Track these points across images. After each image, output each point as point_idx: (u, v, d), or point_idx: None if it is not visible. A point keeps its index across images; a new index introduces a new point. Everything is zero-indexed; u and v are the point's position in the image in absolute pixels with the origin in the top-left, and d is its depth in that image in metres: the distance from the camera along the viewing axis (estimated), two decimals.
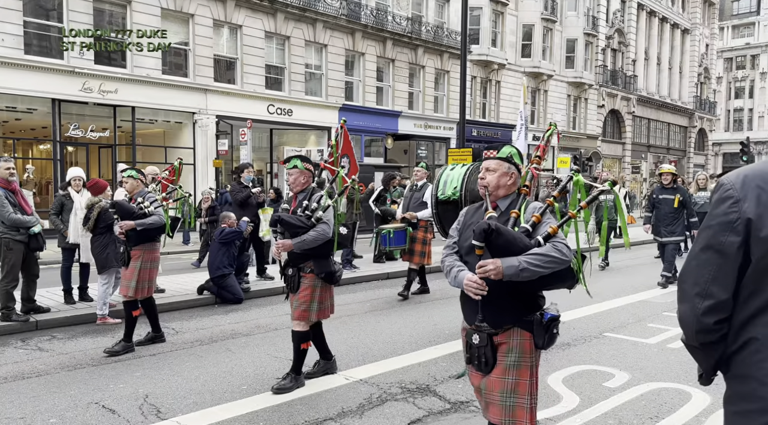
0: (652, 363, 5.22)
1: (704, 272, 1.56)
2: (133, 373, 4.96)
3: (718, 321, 1.54)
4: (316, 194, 4.57)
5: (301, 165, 4.58)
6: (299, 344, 4.54)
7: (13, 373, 4.95)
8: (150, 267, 5.71)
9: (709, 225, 1.58)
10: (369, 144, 23.92)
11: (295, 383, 4.52)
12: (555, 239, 2.57)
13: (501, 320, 2.62)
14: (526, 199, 2.80)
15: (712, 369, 1.65)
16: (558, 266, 2.53)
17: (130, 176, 5.89)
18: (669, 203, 9.14)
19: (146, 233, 5.65)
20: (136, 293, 5.58)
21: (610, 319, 7.00)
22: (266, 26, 20.07)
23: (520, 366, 2.62)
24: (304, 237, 4.35)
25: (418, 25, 24.95)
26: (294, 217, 4.43)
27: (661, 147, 41.98)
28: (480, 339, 2.62)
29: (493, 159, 2.83)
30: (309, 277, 4.50)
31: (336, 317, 6.98)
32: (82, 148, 17.37)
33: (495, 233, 2.47)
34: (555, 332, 2.64)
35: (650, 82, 40.09)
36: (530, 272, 2.47)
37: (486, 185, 2.78)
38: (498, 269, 2.46)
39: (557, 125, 4.06)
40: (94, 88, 15.99)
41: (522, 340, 2.63)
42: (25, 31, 15.03)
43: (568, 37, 32.14)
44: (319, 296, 4.52)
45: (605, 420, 3.99)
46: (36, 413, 4.09)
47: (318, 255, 4.47)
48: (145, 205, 5.66)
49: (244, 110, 18.71)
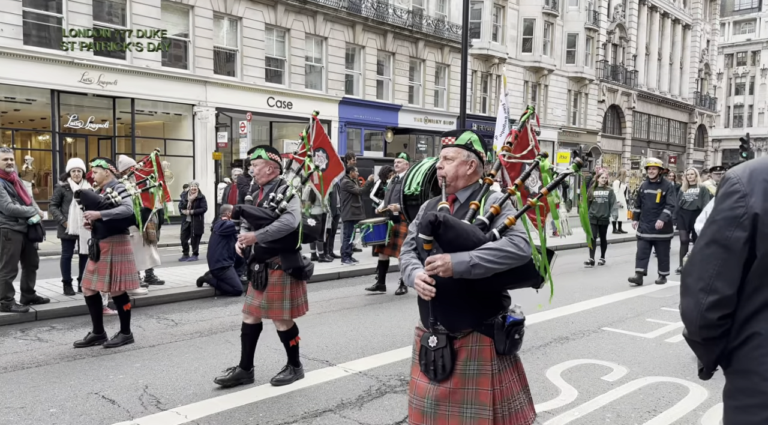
0: (650, 358, 5.24)
1: (709, 268, 1.54)
2: (133, 364, 4.97)
3: (722, 316, 1.53)
4: (282, 185, 4.38)
5: (265, 155, 4.39)
6: (288, 342, 4.48)
7: (13, 363, 4.96)
8: (122, 260, 5.46)
9: (715, 220, 1.56)
10: (369, 138, 23.89)
11: (295, 375, 4.49)
12: (512, 232, 2.30)
13: (457, 323, 2.36)
14: (489, 189, 2.52)
15: (713, 364, 1.65)
16: (515, 262, 2.26)
17: (99, 165, 5.63)
18: (652, 198, 8.83)
19: (114, 225, 5.41)
20: (110, 287, 5.36)
21: (608, 313, 7.02)
22: (266, 18, 19.99)
23: (480, 375, 2.35)
24: (267, 228, 4.16)
25: (418, 19, 24.86)
26: (257, 208, 4.26)
27: (661, 143, 41.96)
28: (438, 340, 2.35)
29: (452, 147, 2.55)
30: (277, 273, 4.29)
31: (335, 310, 7.02)
32: (81, 139, 17.32)
33: (443, 226, 2.21)
34: (517, 337, 2.37)
35: (651, 78, 40.02)
36: (483, 269, 2.21)
37: (444, 176, 2.53)
38: (447, 265, 2.21)
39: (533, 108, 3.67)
40: (94, 80, 15.93)
41: (481, 347, 2.36)
42: (24, 22, 14.96)
43: (569, 31, 32.05)
44: (291, 294, 4.32)
45: (603, 413, 4.01)
46: (36, 403, 4.10)
47: (285, 249, 4.28)
48: (113, 195, 5.41)
49: (243, 103, 18.67)
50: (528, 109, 3.50)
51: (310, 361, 5.07)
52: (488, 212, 2.39)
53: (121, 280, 5.42)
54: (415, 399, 2.43)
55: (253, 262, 4.34)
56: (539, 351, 5.43)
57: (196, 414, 3.90)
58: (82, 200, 5.43)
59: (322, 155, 5.25)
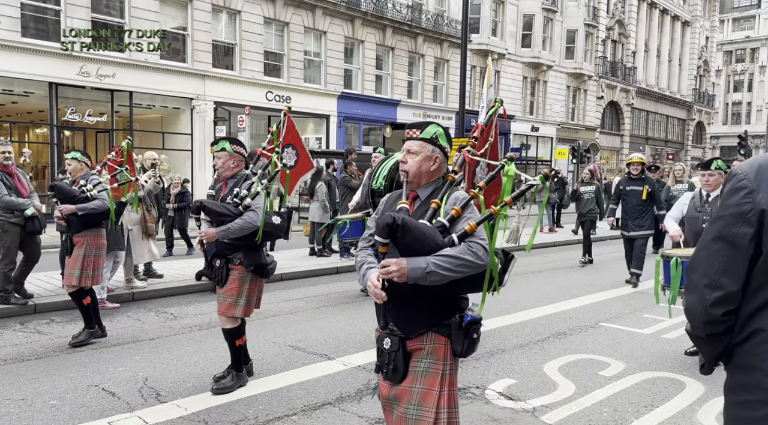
0: (647, 353, 5.27)
1: (714, 263, 1.53)
2: (132, 357, 4.99)
3: (726, 312, 1.53)
4: (248, 180, 4.20)
5: (230, 148, 4.20)
6: (233, 340, 4.24)
7: (13, 355, 4.97)
8: (95, 255, 5.33)
9: (721, 216, 1.55)
10: (367, 133, 23.87)
11: (238, 380, 4.25)
12: (471, 239, 2.19)
13: (413, 325, 2.30)
14: (452, 187, 2.41)
15: (715, 360, 1.65)
16: (471, 271, 2.18)
17: (74, 158, 5.42)
18: (637, 195, 8.38)
19: (89, 219, 5.25)
20: (80, 281, 5.22)
21: (605, 309, 7.05)
22: (265, 12, 19.92)
23: (429, 374, 2.28)
24: (229, 226, 3.99)
25: (418, 13, 24.80)
26: (219, 204, 4.09)
27: (660, 139, 42.02)
28: (391, 342, 2.31)
29: (416, 140, 2.42)
30: (238, 269, 4.14)
31: (334, 305, 7.04)
32: (79, 132, 17.27)
33: (401, 229, 2.09)
34: (475, 337, 2.29)
35: (650, 75, 40.02)
36: (439, 276, 2.13)
37: (406, 171, 2.41)
38: (402, 270, 2.11)
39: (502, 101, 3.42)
40: (92, 73, 15.87)
41: (436, 345, 2.30)
42: (22, 14, 14.88)
43: (569, 27, 32.01)
44: (248, 291, 4.16)
45: (600, 408, 4.04)
46: (36, 395, 4.11)
47: (248, 246, 4.11)
48: (88, 188, 5.23)
49: (242, 97, 18.62)
50: (495, 102, 3.34)
51: (310, 355, 5.10)
52: (449, 213, 2.28)
53: (91, 275, 5.28)
54: (382, 398, 2.43)
55: (214, 257, 4.19)
56: (537, 346, 5.46)
57: (195, 407, 3.92)
58: (56, 193, 5.28)
59: (291, 151, 5.06)
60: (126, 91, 16.77)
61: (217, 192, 4.29)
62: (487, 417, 3.84)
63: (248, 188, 4.10)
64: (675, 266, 4.53)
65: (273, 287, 7.93)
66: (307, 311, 6.78)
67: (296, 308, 6.87)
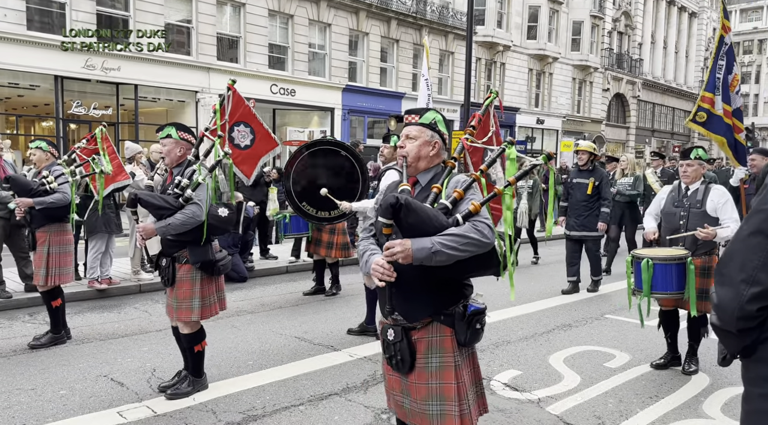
0: (653, 345, 5.27)
1: (753, 258, 1.48)
2: (141, 348, 5.03)
3: (762, 307, 1.49)
4: (189, 168, 3.82)
5: (176, 135, 3.86)
6: (191, 346, 3.95)
7: (22, 346, 5.02)
8: (60, 252, 4.99)
9: (761, 209, 1.51)
10: (372, 126, 23.83)
11: (194, 387, 3.96)
12: (476, 218, 2.18)
13: (416, 311, 2.27)
14: (452, 172, 2.40)
15: (740, 353, 1.62)
16: (478, 249, 2.15)
17: (38, 147, 5.09)
18: (582, 189, 7.20)
19: (50, 213, 4.91)
20: (46, 280, 4.92)
21: (611, 301, 7.05)
22: (270, 4, 19.87)
23: (443, 368, 2.27)
24: (169, 221, 3.65)
25: (423, 5, 24.67)
26: (157, 196, 3.77)
27: (666, 132, 41.80)
28: (395, 333, 2.29)
29: (415, 125, 2.42)
30: (185, 268, 3.80)
31: (340, 297, 7.06)
32: (84, 125, 17.31)
33: (404, 209, 2.07)
34: (478, 327, 2.28)
35: (656, 66, 39.75)
36: (445, 256, 2.10)
37: (405, 155, 2.39)
38: (407, 251, 2.09)
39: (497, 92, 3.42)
40: (97, 66, 15.89)
41: (442, 337, 2.28)
42: (27, 7, 14.89)
43: (575, 19, 31.80)
44: (201, 291, 3.82)
45: (606, 399, 4.06)
46: (46, 384, 4.16)
47: (193, 241, 3.76)
48: (49, 180, 4.85)
49: (246, 89, 18.38)
50: (491, 93, 3.35)
51: (316, 346, 5.13)
52: (451, 196, 2.27)
53: (58, 274, 4.97)
54: (393, 393, 2.42)
55: (160, 256, 3.90)
56: (542, 338, 5.47)
57: (203, 397, 3.95)
58: (12, 186, 5.00)
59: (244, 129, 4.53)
60: (131, 84, 16.79)
61: (164, 182, 4.01)
62: (492, 407, 3.85)
63: (189, 177, 3.74)
64: (646, 268, 4.21)
65: (277, 280, 7.98)
66: (313, 303, 6.81)
67: (302, 300, 6.90)
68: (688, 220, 4.42)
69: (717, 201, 4.35)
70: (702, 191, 4.45)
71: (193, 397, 3.95)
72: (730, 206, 4.33)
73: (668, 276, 4.24)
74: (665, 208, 4.65)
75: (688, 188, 4.53)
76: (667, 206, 4.63)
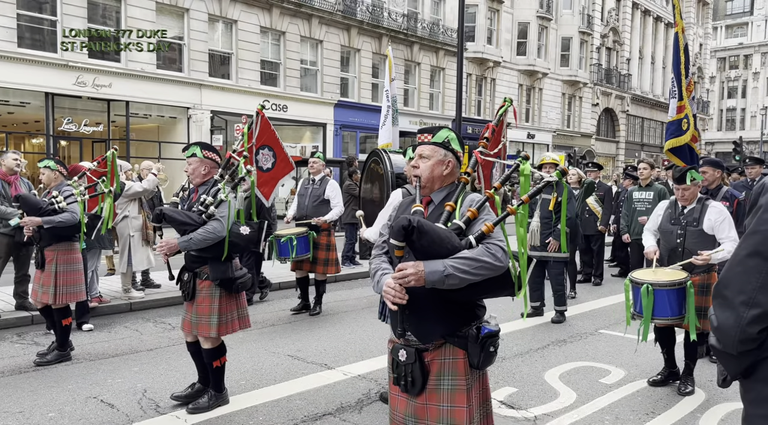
0: (648, 360, 5.26)
1: (751, 280, 1.47)
2: (131, 368, 4.95)
3: (762, 329, 1.48)
4: (215, 187, 3.94)
5: (200, 153, 3.96)
6: (211, 362, 4.00)
7: (10, 367, 4.93)
8: (68, 270, 5.05)
9: (758, 230, 1.49)
10: (364, 141, 23.91)
11: (216, 401, 4.03)
12: (489, 241, 2.16)
13: (429, 333, 2.24)
14: (465, 189, 2.37)
15: (740, 374, 1.61)
16: (491, 273, 2.13)
17: (47, 166, 5.14)
18: (545, 206, 6.58)
19: (58, 232, 4.98)
20: (55, 299, 4.99)
21: (605, 316, 7.05)
22: (261, 21, 20.00)
23: (455, 391, 2.24)
24: (191, 236, 3.76)
25: (413, 22, 24.93)
26: (181, 212, 3.86)
27: (655, 146, 42.20)
28: (408, 354, 2.25)
29: (428, 144, 2.39)
30: (206, 284, 3.88)
31: (333, 314, 7.01)
32: (75, 142, 17.26)
33: (416, 232, 2.05)
34: (492, 350, 2.25)
35: (644, 81, 40.29)
36: (457, 280, 2.07)
37: (418, 176, 2.36)
38: (419, 274, 2.06)
39: (511, 101, 3.36)
40: (88, 82, 15.88)
41: (455, 360, 2.25)
42: (18, 24, 14.90)
43: (563, 35, 32.23)
44: (219, 308, 3.87)
45: (602, 415, 4.03)
46: (34, 407, 4.08)
47: (213, 258, 3.85)
48: (58, 200, 4.95)
49: (238, 106, 18.64)
50: (505, 101, 3.27)
51: (309, 365, 5.07)
52: (465, 215, 2.24)
53: (66, 292, 5.04)
54: (396, 413, 2.37)
55: (183, 271, 3.99)
56: (537, 354, 5.45)
57: (195, 418, 3.89)
58: (21, 204, 5.06)
59: (267, 153, 4.71)
60: (122, 100, 16.78)
61: (189, 199, 4.10)
62: None
63: (214, 195, 3.87)
64: (646, 294, 4.11)
65: (272, 297, 7.90)
66: (306, 320, 6.75)
67: (295, 318, 6.84)
68: (685, 238, 4.42)
69: (714, 220, 4.35)
70: (699, 210, 4.44)
71: (185, 419, 3.89)
72: (727, 225, 4.33)
73: (669, 302, 4.18)
74: (662, 225, 4.61)
75: (684, 207, 4.51)
76: (664, 224, 4.59)
